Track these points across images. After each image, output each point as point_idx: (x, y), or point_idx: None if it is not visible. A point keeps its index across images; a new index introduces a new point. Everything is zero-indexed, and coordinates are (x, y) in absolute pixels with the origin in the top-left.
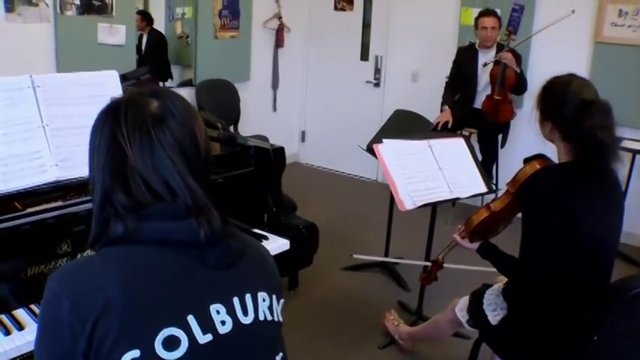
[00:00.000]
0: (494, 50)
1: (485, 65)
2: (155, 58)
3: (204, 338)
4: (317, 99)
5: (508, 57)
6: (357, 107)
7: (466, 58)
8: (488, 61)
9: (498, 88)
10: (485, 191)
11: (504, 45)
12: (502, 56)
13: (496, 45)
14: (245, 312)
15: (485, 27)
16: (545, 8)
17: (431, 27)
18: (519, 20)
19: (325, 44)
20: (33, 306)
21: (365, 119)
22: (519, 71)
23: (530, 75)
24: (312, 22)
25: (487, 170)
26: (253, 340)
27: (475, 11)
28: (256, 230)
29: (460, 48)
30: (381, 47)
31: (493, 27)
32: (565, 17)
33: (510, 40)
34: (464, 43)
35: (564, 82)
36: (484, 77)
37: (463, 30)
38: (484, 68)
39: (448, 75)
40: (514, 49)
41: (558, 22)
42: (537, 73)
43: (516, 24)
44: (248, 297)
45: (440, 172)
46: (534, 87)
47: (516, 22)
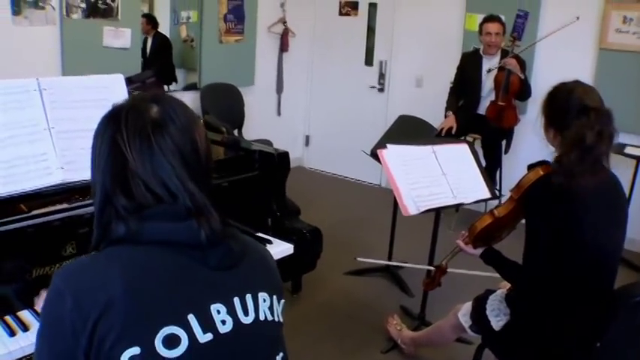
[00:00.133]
0: (498, 56)
1: (489, 71)
2: (160, 62)
3: (204, 337)
4: (321, 104)
5: (512, 63)
6: (361, 112)
7: (470, 64)
8: (492, 67)
9: (502, 94)
10: (488, 197)
11: (509, 51)
12: (506, 62)
13: (500, 51)
14: (246, 312)
15: (489, 33)
16: (549, 14)
17: (435, 32)
18: (524, 26)
19: (330, 49)
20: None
21: (369, 124)
22: (523, 77)
23: (534, 81)
24: (316, 27)
25: (491, 176)
26: (254, 340)
27: (479, 17)
28: (260, 234)
29: (464, 54)
30: (386, 52)
31: (497, 33)
32: (570, 24)
33: (515, 46)
34: (468, 49)
35: (568, 89)
36: (488, 83)
37: (467, 36)
38: (488, 74)
39: (452, 80)
40: (518, 55)
41: (563, 29)
42: (541, 80)
43: (521, 30)
44: (249, 297)
45: (444, 178)
46: (538, 93)
47: (521, 28)
